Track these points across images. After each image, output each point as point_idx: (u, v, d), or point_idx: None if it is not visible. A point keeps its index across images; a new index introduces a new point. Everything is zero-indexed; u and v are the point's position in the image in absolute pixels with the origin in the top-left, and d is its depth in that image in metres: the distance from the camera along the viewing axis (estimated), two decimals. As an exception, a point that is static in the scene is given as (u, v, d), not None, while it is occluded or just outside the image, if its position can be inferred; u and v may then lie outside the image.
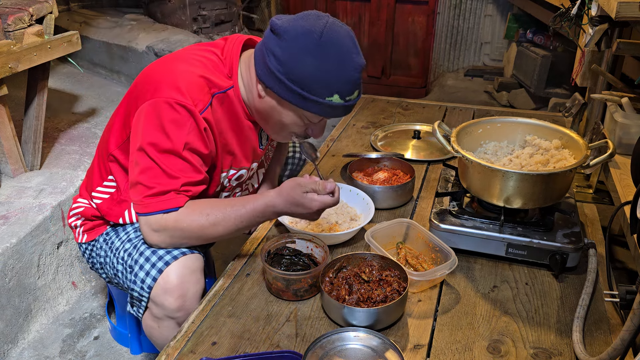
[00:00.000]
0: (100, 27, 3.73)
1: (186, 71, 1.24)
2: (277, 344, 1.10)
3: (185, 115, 1.20)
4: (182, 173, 1.21)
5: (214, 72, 1.28)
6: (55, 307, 2.02)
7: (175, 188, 1.21)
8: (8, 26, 1.98)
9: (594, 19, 1.74)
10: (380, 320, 1.11)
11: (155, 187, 1.20)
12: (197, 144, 1.22)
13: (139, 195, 1.21)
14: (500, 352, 1.08)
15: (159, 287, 1.24)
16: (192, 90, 1.21)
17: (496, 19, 4.47)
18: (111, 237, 1.41)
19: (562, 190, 1.32)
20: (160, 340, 1.33)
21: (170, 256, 1.26)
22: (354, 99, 1.23)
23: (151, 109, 1.20)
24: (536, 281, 1.29)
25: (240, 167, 1.43)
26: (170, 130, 1.19)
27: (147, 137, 1.20)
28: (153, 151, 1.19)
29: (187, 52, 1.33)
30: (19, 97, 2.59)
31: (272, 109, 1.27)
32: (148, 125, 1.20)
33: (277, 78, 1.19)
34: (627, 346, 0.89)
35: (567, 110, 2.12)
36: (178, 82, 1.21)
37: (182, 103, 1.19)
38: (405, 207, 1.60)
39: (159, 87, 1.22)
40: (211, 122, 1.26)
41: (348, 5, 4.42)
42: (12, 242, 1.83)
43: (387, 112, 2.33)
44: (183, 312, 1.25)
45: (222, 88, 1.29)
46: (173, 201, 1.21)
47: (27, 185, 2.17)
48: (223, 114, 1.31)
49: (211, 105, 1.25)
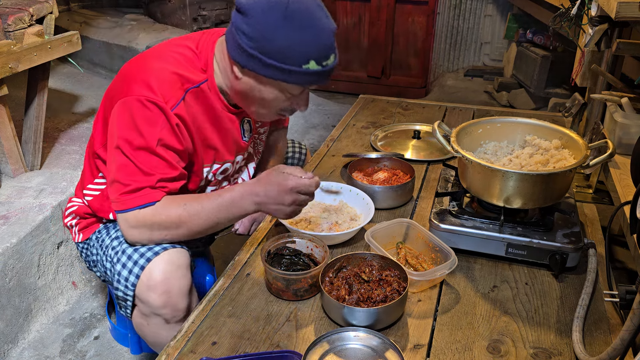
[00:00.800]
0: (100, 27, 3.73)
1: (158, 68, 1.25)
2: (277, 344, 1.10)
3: (157, 112, 1.21)
4: (156, 169, 1.22)
5: (187, 68, 1.29)
6: (56, 307, 2.02)
7: (150, 184, 1.22)
8: (8, 26, 1.98)
9: (593, 19, 1.74)
10: (380, 320, 1.11)
11: (131, 184, 1.21)
12: (170, 140, 1.23)
13: (116, 192, 1.23)
14: (500, 352, 1.08)
15: (143, 284, 1.24)
16: (164, 87, 1.22)
17: (496, 19, 4.47)
18: (102, 235, 1.42)
19: (562, 190, 1.32)
20: (151, 337, 1.33)
21: (151, 252, 1.26)
22: (330, 63, 1.22)
23: (123, 107, 1.22)
24: (536, 281, 1.29)
25: (224, 160, 1.43)
26: (142, 128, 1.20)
27: (121, 135, 1.21)
28: (127, 148, 1.21)
29: (161, 48, 1.34)
30: (19, 97, 2.59)
31: (251, 89, 1.26)
32: (121, 123, 1.22)
33: (250, 55, 1.19)
34: (627, 346, 0.89)
35: (567, 110, 2.12)
36: (149, 80, 1.22)
37: (153, 100, 1.20)
38: (405, 207, 1.60)
39: (131, 85, 1.23)
40: (185, 118, 1.26)
41: (348, 5, 4.42)
42: (12, 242, 1.83)
43: (387, 112, 2.33)
44: (169, 308, 1.25)
45: (196, 82, 1.29)
46: (149, 196, 1.22)
47: (28, 185, 2.17)
48: (199, 108, 1.31)
49: (184, 100, 1.26)
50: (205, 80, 1.31)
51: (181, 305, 1.27)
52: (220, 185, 1.50)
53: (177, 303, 1.26)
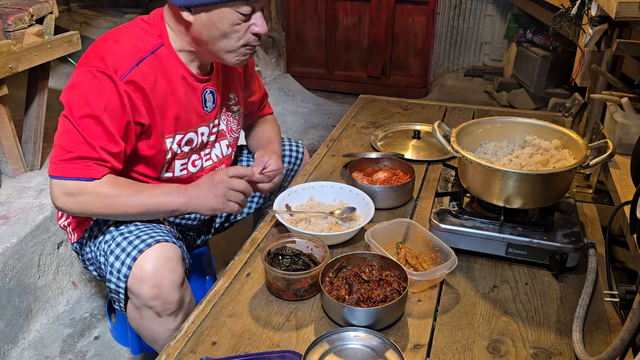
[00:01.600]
0: (100, 27, 3.73)
1: (113, 41, 1.29)
2: (277, 344, 1.10)
3: (106, 82, 1.24)
4: (100, 141, 1.25)
5: (141, 37, 1.32)
6: (56, 307, 2.02)
7: (93, 156, 1.25)
8: (8, 26, 1.98)
9: (593, 19, 1.74)
10: (380, 320, 1.11)
11: (73, 151, 1.24)
12: (117, 111, 1.26)
13: (57, 157, 1.26)
14: (500, 352, 1.08)
15: (134, 276, 1.25)
16: (115, 58, 1.25)
17: (496, 19, 4.47)
18: (94, 232, 1.43)
19: (562, 190, 1.32)
20: (144, 331, 1.34)
21: (144, 244, 1.27)
22: None
23: (75, 78, 1.26)
24: (536, 281, 1.29)
25: (187, 130, 1.43)
26: (90, 97, 1.23)
27: (70, 103, 1.25)
28: (74, 116, 1.24)
29: (117, 27, 1.38)
30: (19, 97, 2.59)
31: (206, 27, 1.28)
32: (71, 92, 1.25)
33: None
34: (627, 346, 0.89)
35: (567, 110, 2.12)
36: (103, 53, 1.26)
37: (103, 70, 1.24)
38: (405, 207, 1.60)
39: (86, 59, 1.27)
40: (141, 86, 1.28)
41: (348, 5, 4.42)
42: (12, 242, 1.83)
43: (387, 112, 2.33)
44: (160, 300, 1.26)
45: (149, 50, 1.31)
46: (91, 171, 1.25)
47: (28, 185, 2.17)
48: (158, 75, 1.32)
49: (138, 68, 1.28)
50: (160, 45, 1.33)
51: (172, 298, 1.27)
52: (189, 158, 1.49)
53: (168, 296, 1.27)
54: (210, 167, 1.55)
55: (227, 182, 1.33)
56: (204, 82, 1.44)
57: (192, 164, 1.50)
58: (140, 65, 1.28)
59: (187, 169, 1.49)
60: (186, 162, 1.48)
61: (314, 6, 4.49)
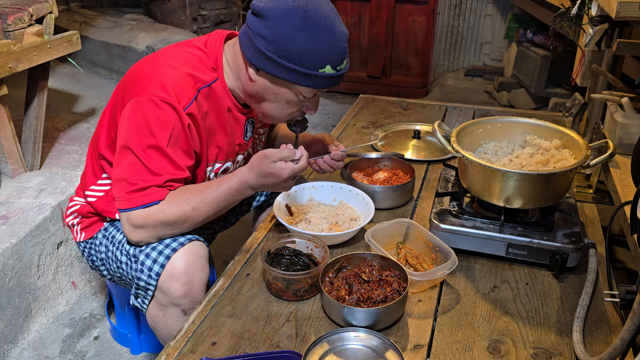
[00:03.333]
0: (100, 27, 3.73)
1: (171, 68, 1.27)
2: (277, 344, 1.10)
3: (170, 112, 1.22)
4: (165, 170, 1.23)
5: (198, 67, 1.30)
6: (55, 307, 2.02)
7: (157, 184, 1.23)
8: (8, 26, 1.98)
9: (594, 19, 1.74)
10: (380, 320, 1.11)
11: (138, 183, 1.22)
12: (181, 141, 1.24)
13: (122, 191, 1.24)
14: (500, 352, 1.08)
15: (166, 273, 1.25)
16: (177, 87, 1.24)
17: (496, 19, 4.47)
18: (111, 232, 1.42)
19: (562, 190, 1.32)
20: (164, 329, 1.34)
21: (176, 243, 1.27)
22: (344, 67, 1.27)
23: (136, 106, 1.22)
24: (536, 281, 1.29)
25: (227, 160, 1.44)
26: (154, 127, 1.21)
27: (131, 134, 1.22)
28: (138, 148, 1.21)
29: (172, 50, 1.35)
30: (19, 97, 2.59)
31: (265, 91, 1.28)
32: (133, 122, 1.22)
33: (268, 58, 1.21)
34: (627, 346, 0.89)
35: (567, 110, 2.12)
36: (163, 80, 1.23)
37: (166, 100, 1.21)
38: (405, 207, 1.60)
39: (144, 85, 1.24)
40: (197, 117, 1.27)
41: (348, 5, 4.42)
42: (12, 242, 1.83)
43: (387, 112, 2.33)
44: (189, 299, 1.27)
45: (207, 82, 1.30)
46: (155, 195, 1.23)
47: (27, 185, 2.17)
48: (209, 107, 1.32)
49: (196, 100, 1.27)
50: (215, 79, 1.32)
51: (200, 296, 1.29)
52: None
53: (197, 294, 1.28)
54: None
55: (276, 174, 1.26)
56: (247, 114, 1.44)
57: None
58: (198, 97, 1.28)
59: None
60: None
61: (314, 6, 4.49)
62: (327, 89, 1.29)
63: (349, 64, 1.30)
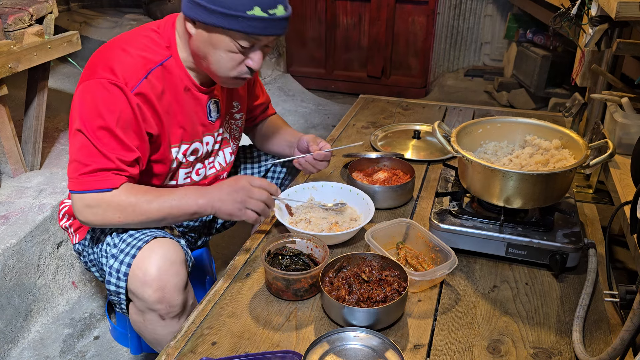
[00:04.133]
0: (100, 27, 3.73)
1: (121, 51, 1.28)
2: (277, 344, 1.10)
3: (117, 94, 1.23)
4: (114, 151, 1.24)
5: (150, 48, 1.31)
6: (55, 307, 2.02)
7: (110, 167, 1.24)
8: (8, 26, 1.98)
9: (594, 19, 1.74)
10: (380, 320, 1.11)
11: (90, 164, 1.23)
12: (130, 122, 1.25)
13: (75, 172, 1.25)
14: (500, 352, 1.08)
15: (138, 279, 1.24)
16: (125, 69, 1.25)
17: (496, 19, 4.47)
18: (97, 233, 1.42)
19: (562, 190, 1.32)
20: (148, 334, 1.34)
21: (141, 242, 1.27)
22: (279, 13, 1.23)
23: (85, 89, 1.25)
24: (536, 281, 1.29)
25: (192, 140, 1.43)
26: (102, 110, 1.22)
27: (82, 116, 1.24)
28: (88, 130, 1.23)
29: (125, 35, 1.36)
30: (19, 97, 2.59)
31: (204, 44, 1.27)
32: (82, 105, 1.24)
33: (198, 5, 1.21)
34: (627, 346, 0.89)
35: (567, 110, 2.12)
36: (111, 64, 1.25)
37: (113, 82, 1.23)
38: (405, 207, 1.60)
39: (94, 70, 1.26)
40: (149, 98, 1.28)
41: (348, 5, 4.42)
42: (12, 242, 1.83)
43: (387, 112, 2.33)
44: (164, 304, 1.25)
45: (159, 61, 1.31)
46: (109, 181, 1.24)
47: (27, 185, 2.17)
48: (165, 87, 1.32)
49: (147, 79, 1.27)
50: (169, 57, 1.33)
51: (176, 301, 1.27)
52: (194, 167, 1.50)
53: (172, 299, 1.26)
54: (213, 175, 1.55)
55: (248, 191, 1.30)
56: (208, 93, 1.43)
57: (195, 173, 1.50)
58: (149, 77, 1.28)
59: (190, 177, 1.49)
60: (190, 171, 1.49)
61: (314, 6, 4.49)
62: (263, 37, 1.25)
63: (290, 11, 1.27)
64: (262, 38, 1.26)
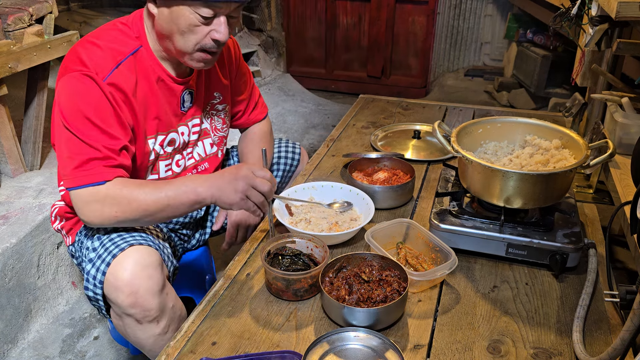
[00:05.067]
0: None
1: (91, 45, 1.29)
2: (277, 344, 1.10)
3: (89, 84, 1.24)
4: (99, 140, 1.24)
5: (120, 39, 1.32)
6: (55, 307, 2.02)
7: (98, 156, 1.24)
8: (8, 26, 1.98)
9: (594, 19, 1.74)
10: (380, 320, 1.11)
11: (78, 157, 1.23)
12: (106, 110, 1.25)
13: (67, 168, 1.24)
14: (500, 352, 1.08)
15: (110, 284, 1.23)
16: (94, 60, 1.26)
17: (496, 19, 4.47)
18: (82, 236, 1.41)
19: (562, 190, 1.32)
20: (130, 337, 1.31)
21: (117, 249, 1.25)
22: None
23: (61, 86, 1.26)
24: (536, 281, 1.29)
25: (168, 130, 1.42)
26: (79, 101, 1.23)
27: (61, 112, 1.25)
28: (69, 124, 1.24)
29: (95, 31, 1.36)
30: (19, 97, 2.59)
31: (168, 23, 1.26)
32: (61, 101, 1.25)
33: None
34: (627, 346, 0.89)
35: (567, 110, 2.12)
36: (81, 57, 1.26)
37: (85, 73, 1.24)
38: (405, 207, 1.60)
39: (66, 67, 1.27)
40: (122, 88, 1.28)
41: (348, 5, 4.42)
42: (12, 242, 1.83)
43: (387, 112, 2.33)
44: (138, 308, 1.22)
45: (128, 52, 1.31)
46: (101, 174, 1.24)
47: (27, 185, 2.17)
48: (137, 77, 1.32)
49: (119, 70, 1.27)
50: (139, 47, 1.33)
51: (150, 305, 1.23)
52: (173, 159, 1.48)
53: (146, 303, 1.22)
54: (192, 165, 1.54)
55: (250, 179, 1.25)
56: (183, 84, 1.42)
57: (176, 164, 1.50)
58: (120, 67, 1.28)
59: (171, 169, 1.49)
60: (170, 163, 1.48)
61: (314, 6, 4.49)
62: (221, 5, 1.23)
63: None
64: (222, 5, 1.23)
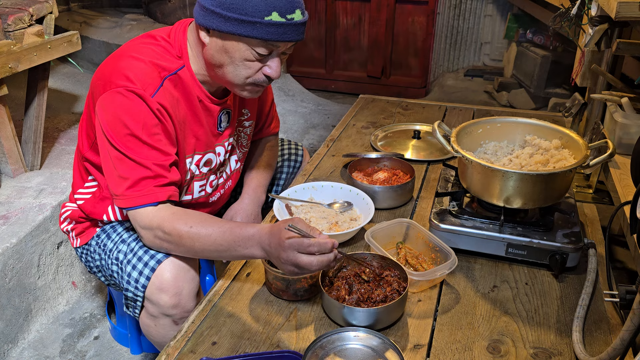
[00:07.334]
0: (100, 27, 3.73)
1: (133, 60, 1.25)
2: (277, 344, 1.10)
3: (137, 101, 1.20)
4: (149, 157, 1.22)
5: (162, 56, 1.28)
6: (55, 307, 2.02)
7: (149, 175, 1.21)
8: (8, 26, 1.99)
9: (593, 19, 1.74)
10: (380, 320, 1.11)
11: (130, 176, 1.21)
12: (154, 126, 1.23)
13: (120, 188, 1.22)
14: (500, 352, 1.08)
15: (154, 285, 1.25)
16: (140, 76, 1.22)
17: (496, 19, 4.47)
18: (103, 240, 1.41)
19: (562, 190, 1.32)
20: (158, 338, 1.34)
21: (161, 254, 1.27)
22: (297, 18, 1.18)
23: (105, 102, 1.21)
24: (536, 281, 1.29)
25: (205, 151, 1.41)
26: (125, 118, 1.20)
27: (107, 129, 1.21)
28: (116, 142, 1.20)
29: (134, 43, 1.33)
30: (19, 97, 2.59)
31: (219, 53, 1.23)
32: (105, 118, 1.21)
33: (213, 13, 1.17)
34: (627, 346, 0.89)
35: (567, 110, 2.12)
36: (126, 72, 1.22)
37: (131, 89, 1.20)
38: (405, 207, 1.60)
39: (109, 80, 1.23)
40: (166, 106, 1.25)
41: (348, 5, 4.42)
42: (12, 242, 1.83)
43: (387, 112, 2.33)
44: (179, 309, 1.26)
45: (172, 70, 1.28)
46: (154, 195, 1.21)
47: (27, 185, 2.17)
48: (179, 95, 1.30)
49: (163, 87, 1.25)
50: (182, 67, 1.30)
51: (190, 306, 1.28)
52: (208, 179, 1.47)
53: (187, 305, 1.27)
54: (221, 184, 1.53)
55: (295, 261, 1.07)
56: (220, 104, 1.40)
57: (209, 185, 1.48)
58: (165, 84, 1.26)
59: (205, 189, 1.46)
60: (205, 184, 1.46)
61: (314, 6, 4.49)
62: (281, 43, 1.20)
63: (307, 16, 1.23)
64: (281, 44, 1.20)
